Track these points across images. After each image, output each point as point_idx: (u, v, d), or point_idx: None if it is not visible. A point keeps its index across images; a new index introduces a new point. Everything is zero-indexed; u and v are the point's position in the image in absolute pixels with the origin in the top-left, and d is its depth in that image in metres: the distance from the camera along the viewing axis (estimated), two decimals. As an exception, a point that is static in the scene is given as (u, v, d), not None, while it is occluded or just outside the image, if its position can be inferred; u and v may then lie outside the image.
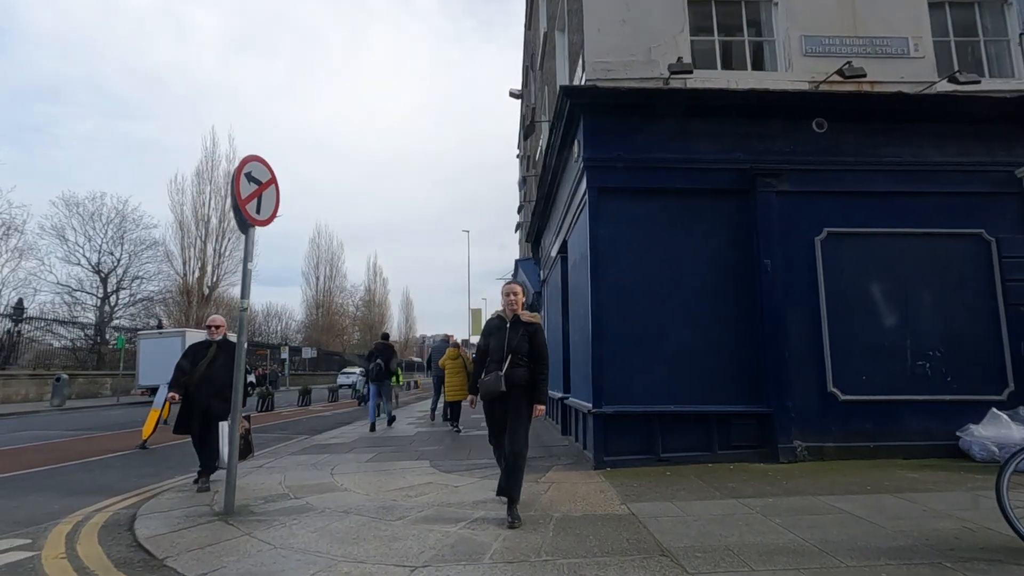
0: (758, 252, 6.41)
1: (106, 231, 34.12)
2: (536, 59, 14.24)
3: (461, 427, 10.81)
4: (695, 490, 5.06)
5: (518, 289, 4.40)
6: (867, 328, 6.38)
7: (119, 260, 34.47)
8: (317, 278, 56.64)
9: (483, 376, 4.28)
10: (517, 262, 15.25)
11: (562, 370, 8.96)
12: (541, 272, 13.13)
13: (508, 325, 4.29)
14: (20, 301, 26.03)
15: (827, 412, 6.24)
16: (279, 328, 49.12)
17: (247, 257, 4.94)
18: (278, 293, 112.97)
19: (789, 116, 6.59)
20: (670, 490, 5.07)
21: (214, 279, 39.19)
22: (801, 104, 6.55)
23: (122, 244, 34.63)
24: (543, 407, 4.17)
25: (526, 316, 4.33)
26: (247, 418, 5.62)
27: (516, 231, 16.97)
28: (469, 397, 4.56)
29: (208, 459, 5.66)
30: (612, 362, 6.21)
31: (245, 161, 4.88)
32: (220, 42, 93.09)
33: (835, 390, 6.27)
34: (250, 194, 4.90)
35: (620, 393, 6.14)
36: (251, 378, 25.92)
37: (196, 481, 5.69)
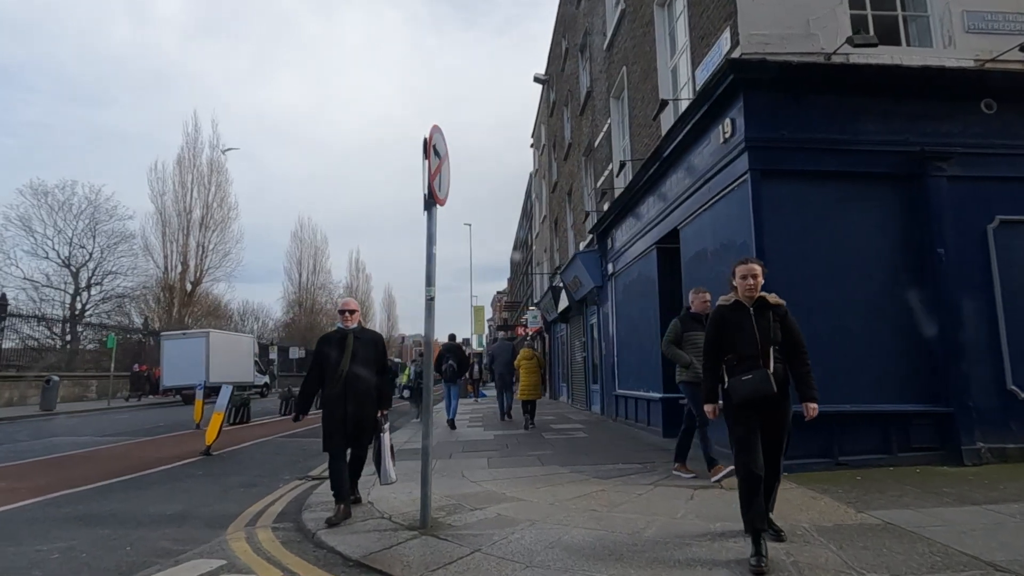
0: (929, 240, 5.99)
1: (76, 223, 30.82)
2: (598, 38, 13.70)
3: (534, 425, 10.82)
4: (916, 496, 4.61)
5: (758, 269, 3.66)
6: (1046, 322, 5.99)
7: (91, 254, 31.31)
8: (300, 274, 52.59)
9: (738, 376, 3.51)
10: (577, 254, 14.70)
11: (661, 368, 8.49)
12: (609, 265, 12.65)
13: (753, 312, 3.63)
14: (3, 296, 23.29)
15: (1007, 411, 5.83)
16: (256, 327, 45.56)
17: (431, 240, 4.41)
18: (252, 290, 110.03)
19: (957, 96, 6.18)
20: (889, 496, 4.62)
21: (197, 274, 37.23)
22: (971, 83, 6.15)
23: (94, 237, 31.30)
24: (816, 405, 3.60)
25: (773, 299, 3.67)
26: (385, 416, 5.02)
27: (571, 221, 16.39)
28: (710, 407, 3.71)
29: (356, 469, 4.99)
30: (780, 357, 5.74)
31: (433, 131, 4.36)
32: (183, 25, 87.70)
33: (1014, 388, 5.86)
34: (435, 169, 4.39)
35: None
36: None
37: (348, 495, 4.81)
